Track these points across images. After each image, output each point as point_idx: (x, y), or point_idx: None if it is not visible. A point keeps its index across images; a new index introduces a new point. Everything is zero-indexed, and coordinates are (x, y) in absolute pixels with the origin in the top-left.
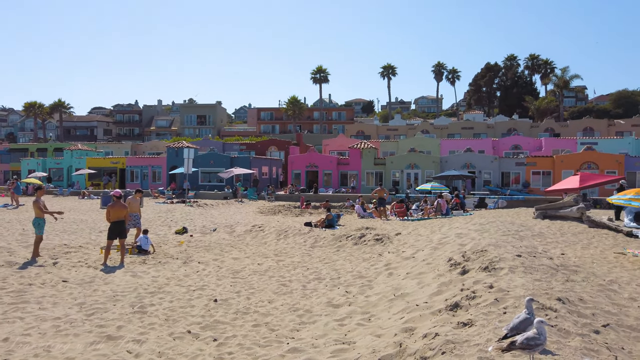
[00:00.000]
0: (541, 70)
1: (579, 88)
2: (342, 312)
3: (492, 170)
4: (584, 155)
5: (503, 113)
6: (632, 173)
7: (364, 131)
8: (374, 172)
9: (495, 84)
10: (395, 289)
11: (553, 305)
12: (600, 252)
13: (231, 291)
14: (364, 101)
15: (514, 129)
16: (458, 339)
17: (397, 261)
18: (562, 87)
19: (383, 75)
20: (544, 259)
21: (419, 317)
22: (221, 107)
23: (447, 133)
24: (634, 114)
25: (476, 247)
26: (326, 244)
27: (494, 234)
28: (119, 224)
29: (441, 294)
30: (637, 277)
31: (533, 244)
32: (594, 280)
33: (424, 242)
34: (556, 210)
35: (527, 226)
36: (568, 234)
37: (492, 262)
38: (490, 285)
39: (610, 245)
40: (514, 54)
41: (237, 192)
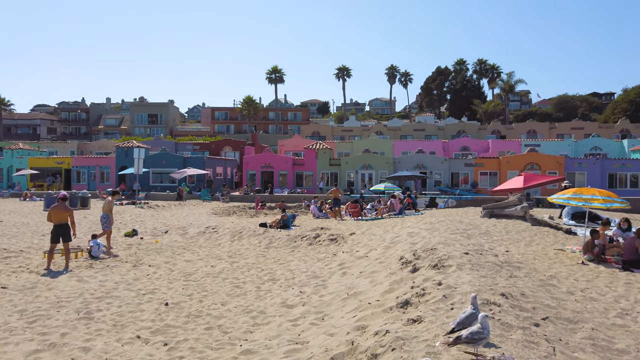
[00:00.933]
0: (488, 74)
1: (523, 92)
2: (296, 313)
3: (443, 171)
4: (528, 157)
5: (453, 115)
6: (571, 174)
7: (319, 132)
8: (329, 172)
9: (445, 87)
10: (349, 288)
11: (497, 300)
12: (542, 249)
13: (183, 294)
14: (319, 102)
15: (463, 131)
16: (407, 335)
17: (350, 260)
18: (508, 91)
19: (338, 76)
20: (489, 256)
21: (371, 315)
22: (173, 106)
23: (400, 134)
24: (573, 118)
25: (426, 245)
26: (281, 245)
27: (444, 232)
28: (61, 227)
29: (393, 291)
30: (575, 272)
31: (480, 242)
32: (535, 276)
33: (377, 241)
34: (502, 209)
35: (474, 225)
36: (512, 232)
37: (441, 260)
38: (439, 282)
39: (551, 242)
40: (463, 59)
41: (181, 194)
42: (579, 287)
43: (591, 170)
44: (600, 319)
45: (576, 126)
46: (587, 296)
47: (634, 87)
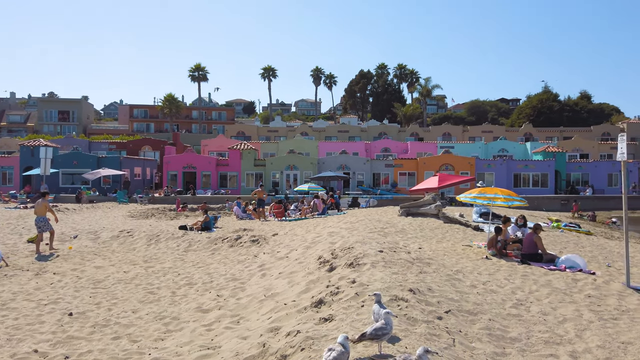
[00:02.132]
0: (408, 79)
1: (439, 97)
2: (211, 317)
3: (365, 172)
4: (443, 158)
5: (375, 118)
6: (481, 174)
7: (244, 132)
8: (254, 173)
9: (368, 91)
10: (267, 289)
11: (405, 296)
12: (452, 245)
13: (90, 303)
14: (245, 102)
15: (384, 133)
16: (317, 334)
17: (271, 262)
18: (426, 96)
19: (264, 76)
20: (402, 254)
21: (285, 315)
22: (87, 103)
23: (325, 135)
24: (484, 122)
25: (345, 244)
26: (201, 248)
27: (362, 231)
28: None
29: (309, 291)
30: (479, 267)
31: (395, 239)
32: (443, 271)
33: (299, 241)
34: (418, 208)
35: (392, 223)
36: (426, 230)
37: (357, 258)
38: (353, 280)
39: (460, 238)
40: (384, 63)
41: (80, 197)
42: (481, 280)
43: (499, 171)
44: (498, 310)
45: (486, 129)
46: (488, 289)
47: (536, 94)
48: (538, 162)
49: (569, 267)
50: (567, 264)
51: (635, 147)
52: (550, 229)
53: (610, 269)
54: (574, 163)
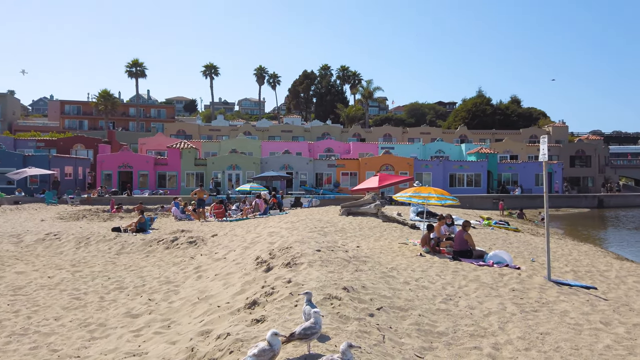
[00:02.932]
0: (350, 80)
1: (380, 99)
2: (140, 322)
3: (308, 171)
4: (383, 159)
5: (318, 118)
6: (419, 174)
7: (185, 130)
8: (195, 172)
9: (311, 91)
10: (201, 292)
11: (339, 294)
12: (389, 243)
13: (8, 311)
14: (186, 99)
15: (327, 133)
16: (248, 336)
17: (208, 263)
18: (367, 97)
19: (205, 74)
20: (340, 252)
21: (218, 318)
22: (14, 98)
23: (268, 135)
24: (422, 123)
25: (284, 244)
26: (134, 250)
27: (302, 231)
28: None
29: (244, 292)
30: (413, 264)
31: (335, 238)
32: (379, 269)
33: (238, 242)
34: (358, 207)
35: (332, 223)
36: (365, 229)
37: (295, 258)
38: (289, 280)
39: (397, 237)
40: (327, 64)
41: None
42: (414, 277)
43: (436, 171)
44: (428, 305)
45: (424, 131)
46: (420, 285)
47: (471, 98)
48: (472, 163)
49: (497, 262)
50: (494, 259)
51: (560, 149)
52: (482, 226)
53: (534, 264)
54: (505, 164)
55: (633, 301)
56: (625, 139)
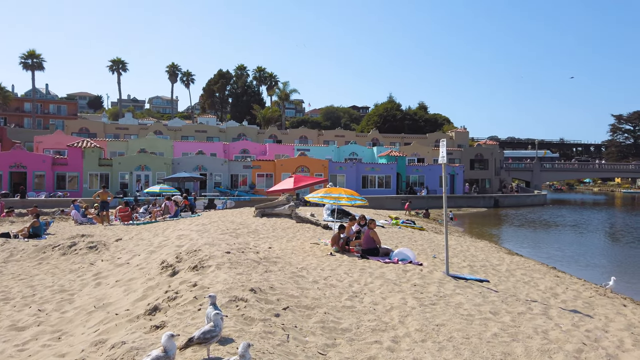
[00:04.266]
0: (267, 82)
1: (297, 101)
2: (26, 335)
3: (223, 173)
4: (299, 160)
5: (234, 119)
6: (334, 176)
7: (88, 128)
8: (99, 173)
9: (227, 91)
10: (99, 299)
11: (245, 296)
12: (301, 244)
13: None
14: (90, 95)
15: (243, 134)
16: (144, 344)
17: (109, 269)
18: (284, 99)
19: (112, 69)
20: (250, 254)
21: (114, 326)
22: None
23: (182, 135)
24: (337, 126)
25: (192, 247)
26: (25, 257)
27: (213, 233)
28: None
29: (145, 298)
30: (323, 263)
31: (247, 240)
32: (289, 269)
33: (144, 246)
34: (272, 208)
35: (245, 224)
36: (279, 229)
37: (202, 261)
38: (195, 283)
39: (309, 237)
40: (243, 64)
41: None
42: (323, 275)
43: (349, 173)
44: (334, 303)
45: (339, 134)
46: (329, 283)
47: (382, 103)
48: (383, 165)
49: (401, 259)
50: (399, 256)
51: (461, 153)
52: (390, 225)
53: (435, 260)
54: (413, 166)
55: (519, 292)
56: (518, 144)
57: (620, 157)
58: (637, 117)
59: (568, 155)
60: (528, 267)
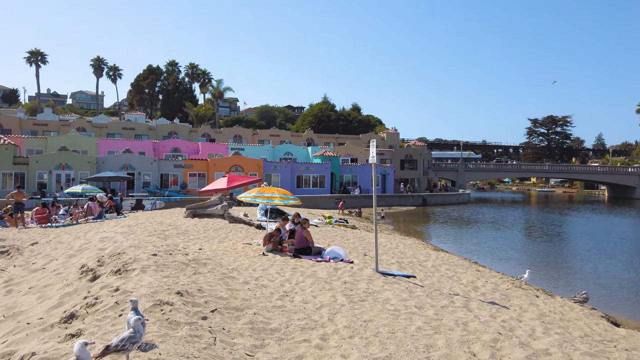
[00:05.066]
0: (200, 79)
1: (231, 100)
2: None
3: (152, 172)
4: (233, 160)
5: (165, 116)
6: (268, 175)
7: (2, 124)
8: (13, 172)
9: (157, 87)
10: (9, 308)
11: (171, 299)
12: (233, 244)
13: None
14: (5, 89)
15: (174, 132)
16: (57, 354)
17: (22, 275)
18: (218, 97)
19: (30, 61)
20: (179, 256)
21: (25, 337)
22: None
23: (107, 132)
24: (272, 126)
25: (116, 250)
26: None
27: (140, 235)
28: None
29: (62, 305)
30: (255, 263)
31: (176, 241)
32: (219, 270)
33: (63, 250)
34: (204, 208)
35: (175, 225)
36: (210, 230)
37: (126, 264)
38: (117, 288)
39: (242, 237)
40: (175, 60)
41: None
42: (254, 276)
43: (284, 172)
44: (265, 303)
45: (274, 133)
46: (260, 284)
47: (317, 104)
48: (317, 165)
49: (333, 257)
50: (331, 255)
51: (392, 153)
52: (323, 224)
53: (365, 258)
54: (346, 166)
55: (443, 286)
56: (445, 145)
57: (535, 158)
58: (551, 121)
59: (490, 156)
60: (452, 262)
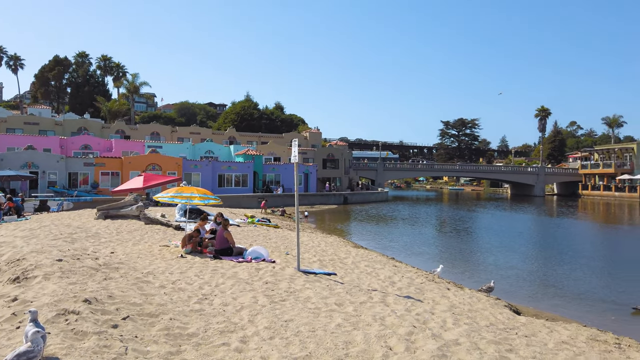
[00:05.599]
0: (113, 72)
1: (148, 95)
2: None
3: (59, 171)
4: (150, 158)
5: (74, 111)
6: (188, 174)
7: None
8: None
9: (65, 80)
10: None
11: (78, 308)
12: (149, 247)
13: None
14: None
15: (84, 128)
16: None
17: None
18: (133, 92)
19: None
20: (88, 261)
21: None
22: None
23: (7, 127)
24: (193, 123)
25: (15, 256)
26: None
27: (44, 239)
28: None
29: None
30: (172, 266)
31: (85, 245)
32: (133, 275)
33: None
34: (117, 209)
35: (84, 228)
36: (124, 232)
37: (26, 271)
38: (15, 298)
39: (159, 239)
40: (85, 52)
41: None
42: (171, 279)
43: (205, 171)
44: (182, 308)
45: (194, 131)
46: (177, 287)
47: (240, 102)
48: (240, 164)
49: (255, 257)
50: (252, 255)
51: (315, 152)
52: (245, 224)
53: (288, 257)
54: (269, 165)
55: (362, 282)
56: (365, 145)
57: (447, 158)
58: (461, 123)
59: (406, 156)
60: (371, 258)
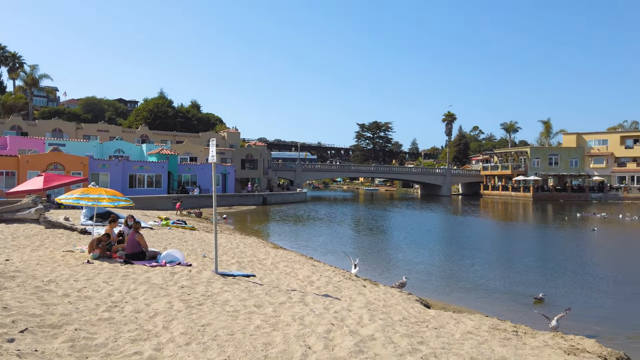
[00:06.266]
0: (9, 63)
1: (49, 89)
2: None
3: None
4: (51, 156)
5: None
6: (95, 174)
7: None
8: None
9: None
10: None
11: None
12: (50, 252)
13: None
14: None
15: None
16: None
17: None
18: (32, 85)
19: None
20: None
21: None
22: None
23: None
24: (100, 120)
25: None
26: None
27: None
28: None
29: None
30: (77, 272)
31: None
32: (32, 283)
33: None
34: (13, 212)
35: None
36: (21, 238)
37: None
38: None
39: (62, 244)
40: None
41: None
42: (77, 287)
43: (114, 171)
44: (89, 317)
45: (102, 129)
46: (83, 295)
47: (153, 98)
48: (153, 164)
49: (169, 261)
50: (167, 259)
51: (233, 152)
52: (159, 227)
53: (205, 259)
54: (185, 165)
55: (282, 283)
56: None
57: (363, 159)
58: (376, 126)
59: (324, 157)
60: (290, 259)
